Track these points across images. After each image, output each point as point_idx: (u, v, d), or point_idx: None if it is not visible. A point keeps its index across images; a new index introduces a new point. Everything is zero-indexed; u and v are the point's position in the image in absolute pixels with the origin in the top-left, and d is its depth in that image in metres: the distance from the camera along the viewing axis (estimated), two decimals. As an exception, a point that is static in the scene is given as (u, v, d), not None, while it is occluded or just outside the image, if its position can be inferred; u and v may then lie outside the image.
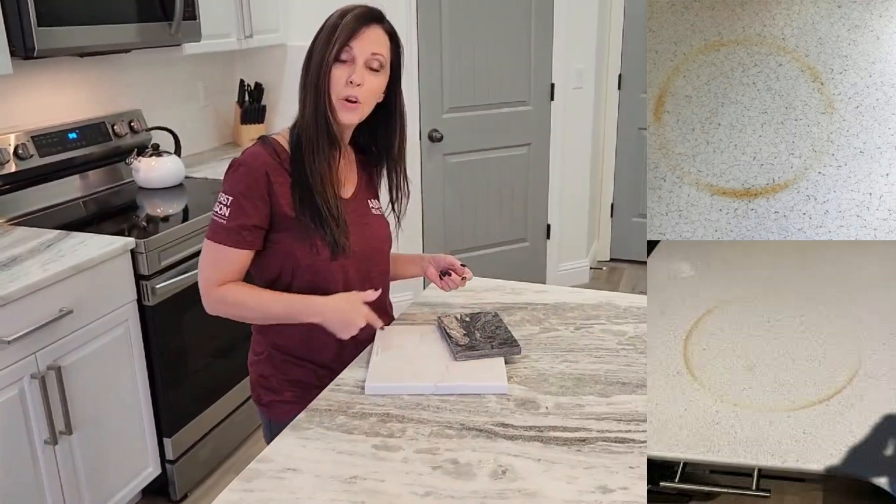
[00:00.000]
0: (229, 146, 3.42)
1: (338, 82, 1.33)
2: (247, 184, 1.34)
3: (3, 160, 2.26)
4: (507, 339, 1.41)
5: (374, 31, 1.36)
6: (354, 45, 1.33)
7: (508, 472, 1.06)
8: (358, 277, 1.44)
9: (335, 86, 1.33)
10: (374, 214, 1.50)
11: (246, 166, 1.35)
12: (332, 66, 1.33)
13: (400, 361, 1.36)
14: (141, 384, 2.19)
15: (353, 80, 1.33)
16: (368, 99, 1.37)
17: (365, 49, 1.33)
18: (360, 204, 1.48)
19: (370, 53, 1.34)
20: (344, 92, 1.33)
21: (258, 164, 1.35)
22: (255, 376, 1.52)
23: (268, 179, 1.35)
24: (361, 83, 1.33)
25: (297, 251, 1.38)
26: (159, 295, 2.17)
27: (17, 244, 2.05)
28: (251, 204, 1.34)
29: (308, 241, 1.37)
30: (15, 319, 1.76)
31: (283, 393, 1.47)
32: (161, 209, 2.47)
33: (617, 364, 1.37)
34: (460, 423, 1.19)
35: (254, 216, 1.34)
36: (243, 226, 1.34)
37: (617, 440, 1.13)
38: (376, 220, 1.50)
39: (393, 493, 1.02)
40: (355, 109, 1.35)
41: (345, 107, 1.34)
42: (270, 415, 1.49)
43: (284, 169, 1.37)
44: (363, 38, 1.33)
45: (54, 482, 1.93)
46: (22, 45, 2.05)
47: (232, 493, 1.03)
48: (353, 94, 1.33)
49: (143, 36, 2.43)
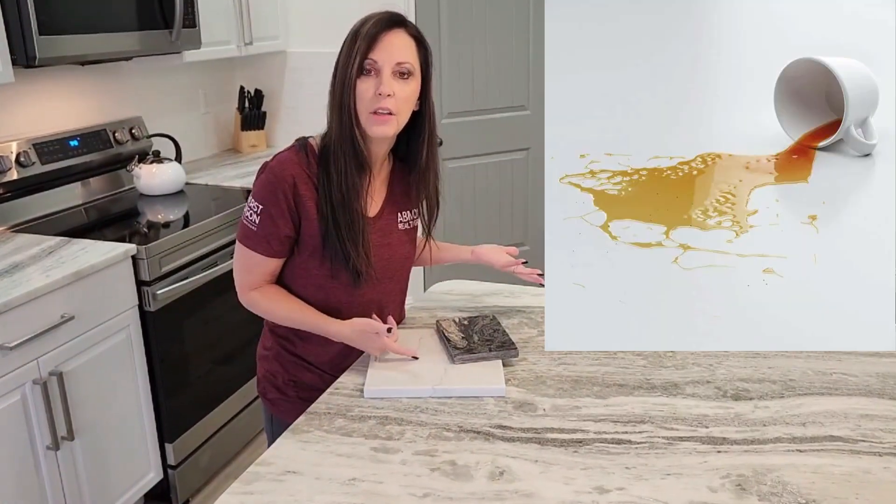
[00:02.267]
0: (230, 153, 3.43)
1: (364, 96, 1.27)
2: (274, 194, 1.31)
3: (4, 168, 2.28)
4: (505, 342, 1.42)
5: (397, 36, 1.28)
6: (377, 55, 1.26)
7: (506, 473, 1.07)
8: (374, 299, 1.43)
9: (362, 100, 1.27)
10: (398, 231, 1.45)
11: (273, 174, 1.32)
12: (357, 81, 1.26)
13: (398, 365, 1.37)
14: (142, 390, 2.20)
15: (381, 91, 1.25)
16: (402, 108, 1.30)
17: (390, 57, 1.26)
18: (387, 221, 1.43)
19: (396, 63, 1.27)
20: (372, 105, 1.26)
21: (286, 175, 1.31)
22: (262, 371, 1.53)
23: (295, 191, 1.31)
24: (391, 93, 1.26)
25: (315, 272, 1.37)
26: (160, 301, 2.18)
27: (19, 251, 2.06)
28: (280, 213, 1.32)
29: (328, 265, 1.35)
30: (17, 326, 1.77)
31: (287, 392, 1.48)
32: (162, 215, 2.48)
33: (614, 366, 1.38)
34: (458, 425, 1.20)
35: (283, 227, 1.33)
36: (273, 235, 1.33)
37: (614, 441, 1.14)
38: (400, 238, 1.45)
39: (392, 494, 1.03)
40: (388, 122, 1.28)
41: (376, 120, 1.27)
42: (274, 411, 1.51)
43: (313, 183, 1.33)
44: (386, 45, 1.26)
45: (56, 488, 1.94)
46: (23, 54, 2.07)
47: (232, 495, 1.04)
48: (384, 105, 1.26)
49: (143, 44, 2.45)
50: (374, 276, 1.38)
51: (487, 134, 3.69)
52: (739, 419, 1.20)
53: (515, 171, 3.81)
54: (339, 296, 1.39)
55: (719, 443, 1.13)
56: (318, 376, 1.46)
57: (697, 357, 1.41)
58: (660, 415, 1.22)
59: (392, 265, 1.44)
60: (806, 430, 1.16)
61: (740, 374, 1.34)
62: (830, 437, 1.14)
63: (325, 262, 1.35)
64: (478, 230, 3.79)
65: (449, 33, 3.46)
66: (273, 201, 1.31)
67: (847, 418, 1.19)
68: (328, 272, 1.36)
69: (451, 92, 3.55)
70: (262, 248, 1.35)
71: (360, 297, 1.41)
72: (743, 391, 1.28)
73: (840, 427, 1.17)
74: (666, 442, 1.14)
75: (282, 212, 1.32)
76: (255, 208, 1.33)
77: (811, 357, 1.40)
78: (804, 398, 1.26)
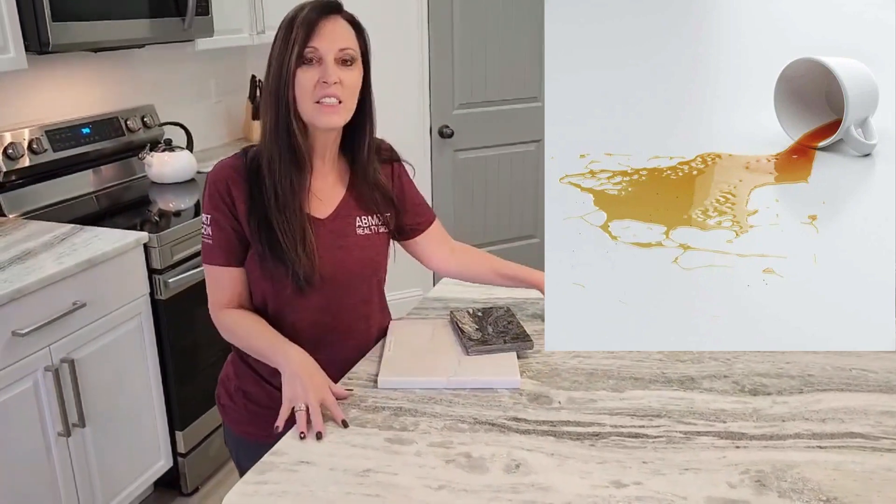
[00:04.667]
0: (241, 142, 3.43)
1: (307, 86, 1.20)
2: (213, 200, 1.26)
3: (17, 154, 2.28)
4: (520, 333, 1.41)
5: (335, 22, 1.21)
6: (318, 43, 1.19)
7: (522, 466, 1.06)
8: (329, 308, 1.33)
9: (304, 91, 1.20)
10: (357, 235, 1.34)
11: (210, 182, 1.28)
12: (297, 71, 1.19)
13: (412, 356, 1.36)
14: (153, 377, 2.20)
15: (326, 79, 1.19)
16: (348, 96, 1.23)
17: (332, 44, 1.20)
18: (341, 223, 1.33)
19: (339, 49, 1.20)
20: (317, 94, 1.20)
21: (220, 178, 1.26)
22: (222, 373, 1.48)
23: (228, 192, 1.26)
24: (338, 80, 1.19)
25: (257, 277, 1.30)
26: (172, 289, 2.18)
27: (31, 238, 2.06)
28: (225, 219, 1.26)
29: (269, 272, 1.27)
30: (29, 312, 1.77)
31: (236, 400, 1.42)
32: (173, 204, 2.48)
33: (629, 359, 1.37)
34: (473, 417, 1.19)
35: (230, 230, 1.27)
36: (227, 243, 1.28)
37: (630, 435, 1.13)
38: (359, 242, 1.34)
39: (406, 486, 1.02)
40: (337, 111, 1.21)
41: (323, 110, 1.20)
42: (224, 418, 1.46)
43: (246, 183, 1.26)
44: (326, 32, 1.20)
45: (67, 474, 1.94)
46: (36, 40, 2.06)
47: (246, 485, 1.03)
48: (331, 93, 1.19)
49: (156, 31, 2.44)
50: (321, 280, 1.27)
51: (499, 125, 3.67)
52: (758, 414, 1.18)
53: (526, 162, 3.79)
54: (286, 302, 1.30)
55: (738, 438, 1.12)
56: (267, 393, 1.36)
57: (714, 351, 1.39)
58: (676, 409, 1.20)
59: (346, 269, 1.32)
60: (825, 427, 1.15)
61: (758, 368, 1.33)
62: (851, 434, 1.13)
63: (265, 265, 1.26)
64: (487, 221, 3.78)
65: (461, 24, 3.44)
66: (215, 207, 1.26)
67: (867, 415, 1.18)
68: (269, 277, 1.27)
69: (462, 82, 3.53)
70: (221, 258, 1.28)
71: (310, 304, 1.31)
72: (761, 386, 1.27)
73: (861, 424, 1.15)
74: (683, 436, 1.13)
75: (225, 217, 1.26)
76: (207, 220, 1.28)
77: (830, 352, 1.38)
78: (823, 394, 1.24)
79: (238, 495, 1.01)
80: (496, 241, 3.80)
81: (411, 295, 3.46)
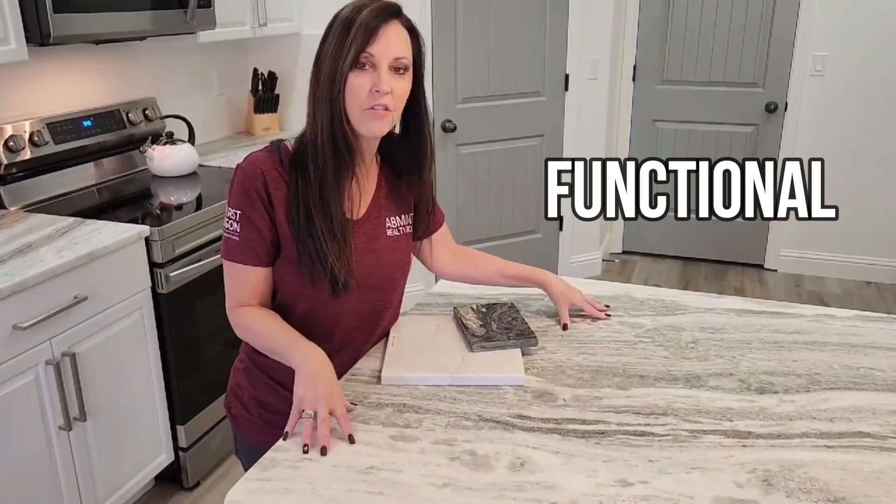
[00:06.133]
0: (242, 135, 3.41)
1: (360, 92, 1.17)
2: (248, 195, 1.21)
3: (18, 147, 2.27)
4: (524, 330, 1.40)
5: (394, 29, 1.18)
6: (375, 49, 1.16)
7: (527, 464, 1.05)
8: (361, 310, 1.33)
9: (356, 96, 1.17)
10: (387, 237, 1.33)
11: (244, 175, 1.22)
12: (349, 75, 1.17)
13: (416, 352, 1.35)
14: (154, 372, 2.19)
15: (380, 88, 1.16)
16: (398, 105, 1.21)
17: (388, 52, 1.17)
18: (373, 225, 1.31)
19: (394, 58, 1.17)
20: (369, 102, 1.17)
21: (256, 175, 1.21)
22: (231, 383, 1.44)
23: (266, 190, 1.21)
24: (390, 90, 1.17)
25: (292, 280, 1.26)
26: (173, 283, 2.17)
27: (32, 231, 2.05)
28: (258, 215, 1.21)
29: (306, 274, 1.23)
30: (30, 306, 1.76)
31: (251, 411, 1.39)
32: (175, 197, 2.47)
33: (635, 357, 1.36)
34: (477, 414, 1.18)
35: (264, 229, 1.22)
36: (257, 241, 1.23)
37: (636, 433, 1.12)
38: (388, 244, 1.33)
39: (411, 483, 1.01)
40: (385, 118, 1.19)
41: (373, 116, 1.18)
42: (237, 429, 1.42)
43: (284, 182, 1.22)
44: (383, 39, 1.16)
45: (68, 468, 1.93)
46: (38, 32, 2.05)
47: (249, 481, 1.02)
48: (383, 102, 1.17)
49: (157, 23, 2.42)
50: (356, 283, 1.26)
51: (502, 119, 3.66)
52: (764, 413, 1.17)
53: (529, 157, 3.77)
54: (320, 306, 1.28)
55: (744, 437, 1.11)
56: (283, 399, 1.30)
57: (720, 349, 1.38)
58: (682, 407, 1.19)
59: (378, 273, 1.31)
60: (833, 426, 1.14)
61: (764, 366, 1.32)
62: (859, 434, 1.12)
63: (303, 269, 1.23)
64: (490, 216, 3.77)
65: (465, 17, 3.42)
66: (248, 203, 1.21)
67: (875, 414, 1.17)
68: (306, 280, 1.24)
69: (466, 77, 3.51)
70: (248, 257, 1.23)
71: (343, 307, 1.29)
72: (767, 384, 1.26)
73: (869, 423, 1.14)
74: (689, 435, 1.12)
75: (260, 215, 1.21)
76: (234, 215, 1.23)
77: (836, 351, 1.37)
78: (830, 392, 1.23)
79: (241, 493, 1.01)
80: (499, 237, 3.78)
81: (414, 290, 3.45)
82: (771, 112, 4.03)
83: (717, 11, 4.00)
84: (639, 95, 4.27)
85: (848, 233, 4.07)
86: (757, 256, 4.31)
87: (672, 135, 4.25)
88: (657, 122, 4.27)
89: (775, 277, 4.20)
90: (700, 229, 4.34)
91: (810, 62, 3.89)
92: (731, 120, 4.12)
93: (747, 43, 3.99)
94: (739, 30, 3.98)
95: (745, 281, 4.15)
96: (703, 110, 4.16)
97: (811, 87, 3.92)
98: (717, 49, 4.05)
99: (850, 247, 4.10)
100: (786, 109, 4.00)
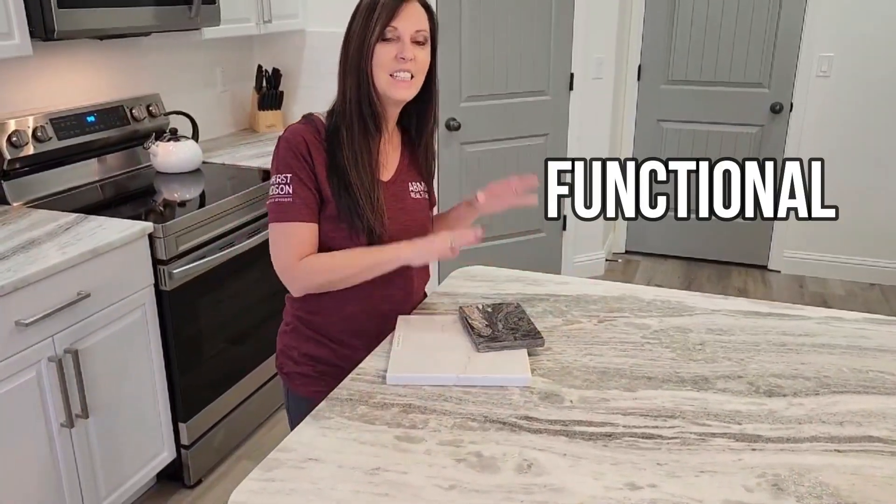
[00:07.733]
0: (246, 132, 3.40)
1: (385, 59, 1.34)
2: (297, 159, 1.36)
3: (21, 142, 2.26)
4: (530, 330, 1.39)
5: (413, 6, 1.36)
6: (398, 23, 1.33)
7: (534, 466, 1.04)
8: None
9: (382, 63, 1.34)
10: (412, 199, 1.48)
11: (289, 143, 1.37)
12: (376, 46, 1.33)
13: (421, 352, 1.34)
14: (157, 369, 2.18)
15: (404, 55, 1.33)
16: (419, 72, 1.37)
17: (410, 25, 1.34)
18: (400, 187, 1.47)
19: (415, 30, 1.35)
20: (394, 67, 1.34)
21: (300, 141, 1.36)
22: (280, 345, 1.54)
23: (309, 155, 1.36)
24: (413, 57, 1.34)
25: (333, 236, 1.39)
26: (176, 280, 2.16)
27: (35, 227, 2.04)
28: (307, 176, 1.36)
29: (345, 227, 1.37)
30: (33, 302, 1.76)
31: (302, 366, 1.49)
32: (178, 194, 2.46)
33: (642, 358, 1.35)
34: (483, 415, 1.17)
35: (313, 189, 1.36)
36: (310, 199, 1.36)
37: (644, 436, 1.11)
38: (414, 205, 1.48)
39: (417, 485, 1.00)
40: (410, 85, 1.36)
41: (397, 83, 1.35)
42: (290, 384, 1.52)
43: (324, 148, 1.38)
44: (405, 15, 1.34)
45: (70, 465, 1.93)
46: (42, 27, 2.04)
47: (253, 482, 1.01)
48: (406, 67, 1.34)
49: (162, 19, 2.41)
50: (389, 237, 1.39)
51: (506, 118, 3.64)
52: (773, 416, 1.16)
53: (534, 156, 3.76)
54: None
55: (753, 440, 1.10)
56: (333, 351, 1.47)
57: (727, 351, 1.37)
58: (690, 410, 1.18)
59: (410, 231, 1.45)
60: (843, 430, 1.12)
61: (772, 369, 1.31)
62: (869, 438, 1.10)
63: (342, 224, 1.37)
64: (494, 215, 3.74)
65: (470, 16, 3.41)
66: (299, 166, 1.36)
67: (885, 418, 1.16)
68: (346, 234, 1.38)
69: (470, 75, 3.50)
70: (304, 214, 1.36)
71: None
72: (776, 387, 1.25)
73: (879, 427, 1.13)
74: (698, 438, 1.11)
75: (308, 175, 1.36)
76: (285, 179, 1.36)
77: (845, 354, 1.36)
78: (840, 396, 1.22)
79: (245, 493, 0.99)
80: (502, 236, 3.77)
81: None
82: (776, 113, 4.02)
83: (723, 11, 3.98)
84: (644, 95, 4.25)
85: (852, 234, 4.06)
86: (760, 257, 4.30)
87: (677, 135, 4.24)
88: (662, 121, 4.26)
89: (778, 279, 4.18)
90: (703, 230, 4.32)
91: (816, 63, 3.87)
92: (736, 120, 4.11)
93: (753, 43, 3.98)
94: (745, 30, 3.97)
95: (748, 282, 4.14)
96: (708, 110, 4.15)
97: (817, 88, 3.90)
98: (723, 49, 4.03)
99: (854, 248, 4.09)
100: (791, 110, 3.99)
